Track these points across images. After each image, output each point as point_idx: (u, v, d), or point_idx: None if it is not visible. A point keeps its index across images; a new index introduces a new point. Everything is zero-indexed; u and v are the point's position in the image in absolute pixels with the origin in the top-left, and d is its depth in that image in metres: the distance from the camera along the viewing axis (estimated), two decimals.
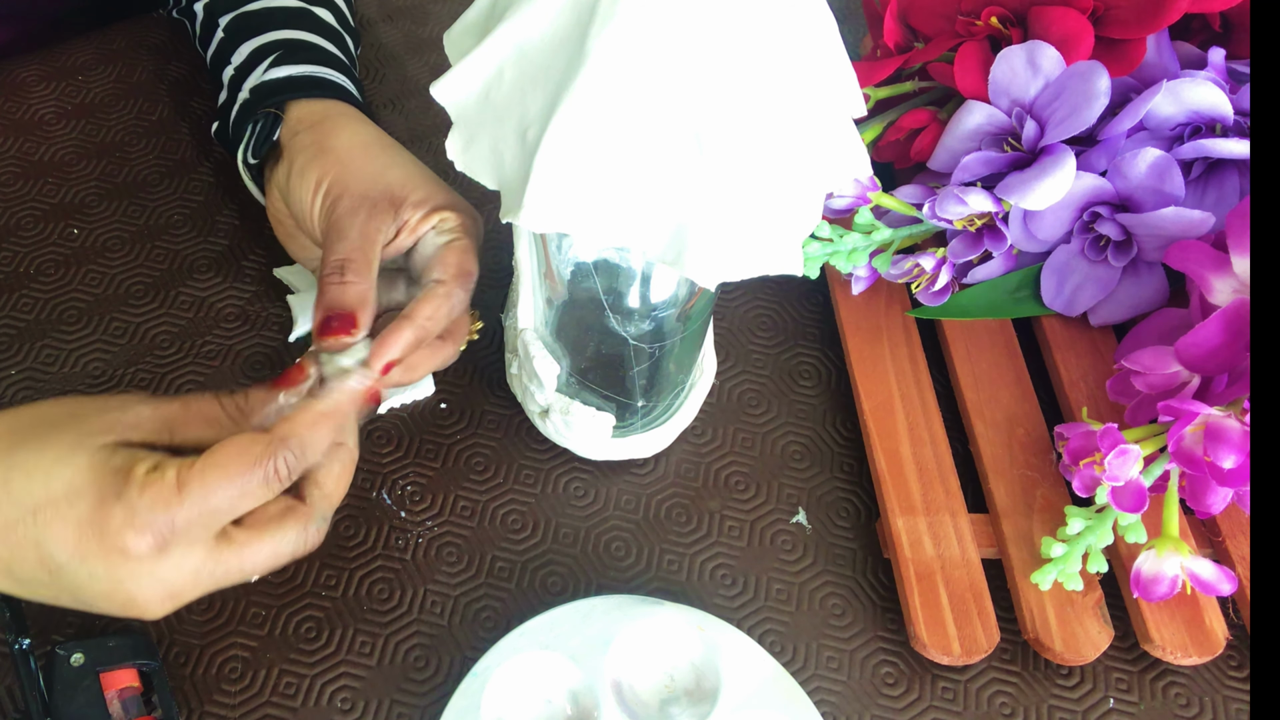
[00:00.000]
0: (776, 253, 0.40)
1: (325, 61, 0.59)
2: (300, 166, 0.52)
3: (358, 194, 0.50)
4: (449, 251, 0.50)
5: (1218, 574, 0.48)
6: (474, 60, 0.41)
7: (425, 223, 0.50)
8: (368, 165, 0.52)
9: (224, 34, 0.61)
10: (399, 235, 0.50)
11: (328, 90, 0.57)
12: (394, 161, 0.53)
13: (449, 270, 0.50)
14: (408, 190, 0.51)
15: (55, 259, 0.62)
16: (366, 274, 0.48)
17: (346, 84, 0.59)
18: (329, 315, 0.47)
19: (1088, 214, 0.57)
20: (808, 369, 0.60)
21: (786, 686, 0.48)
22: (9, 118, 0.68)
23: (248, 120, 0.56)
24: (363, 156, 0.53)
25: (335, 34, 0.62)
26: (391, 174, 0.52)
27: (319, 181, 0.51)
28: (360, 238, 0.49)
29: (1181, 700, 0.50)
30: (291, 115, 0.55)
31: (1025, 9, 0.58)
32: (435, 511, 0.54)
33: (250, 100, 0.57)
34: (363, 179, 0.51)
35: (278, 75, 0.57)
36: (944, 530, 0.52)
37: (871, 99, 0.62)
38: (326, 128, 0.54)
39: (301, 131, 0.54)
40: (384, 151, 0.54)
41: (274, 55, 0.58)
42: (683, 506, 0.55)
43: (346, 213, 0.49)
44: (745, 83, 0.38)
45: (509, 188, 0.41)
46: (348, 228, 0.49)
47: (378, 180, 0.51)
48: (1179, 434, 0.48)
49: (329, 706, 0.48)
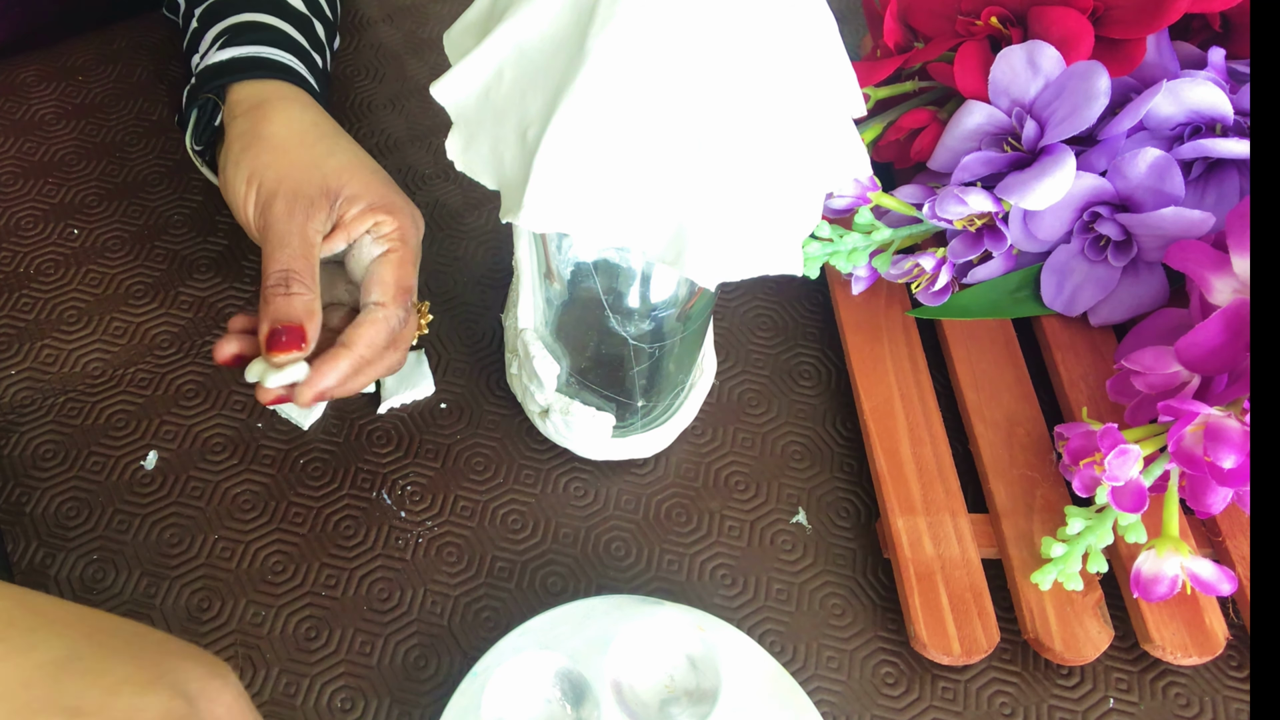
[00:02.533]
0: (776, 253, 0.40)
1: (275, 42, 0.57)
2: (235, 156, 0.51)
3: (291, 191, 0.49)
4: (386, 267, 0.50)
5: (1218, 574, 0.48)
6: (474, 60, 0.41)
7: (360, 224, 0.50)
8: (302, 154, 0.51)
9: (196, 23, 0.61)
10: (334, 233, 0.49)
11: (271, 70, 0.55)
12: (331, 150, 0.51)
13: (388, 291, 0.49)
14: (343, 182, 0.50)
15: (55, 259, 0.62)
16: (312, 283, 0.47)
17: (294, 63, 0.57)
18: (277, 329, 0.46)
19: (1088, 214, 0.57)
20: (808, 369, 0.60)
21: (786, 686, 0.48)
22: (9, 118, 0.68)
23: (193, 105, 0.55)
24: (298, 145, 0.51)
25: (298, 16, 0.60)
26: (328, 164, 0.50)
27: (251, 175, 0.50)
28: (301, 244, 0.48)
29: (1181, 700, 0.50)
30: (231, 98, 0.54)
31: (1025, 9, 0.58)
32: (435, 511, 0.54)
33: (195, 84, 0.56)
34: (296, 170, 0.50)
35: (220, 58, 0.56)
36: (944, 530, 0.52)
37: (871, 99, 0.62)
38: (262, 112, 0.53)
39: (239, 116, 0.53)
40: (321, 139, 0.52)
41: (223, 39, 0.57)
42: (683, 506, 0.55)
43: (283, 215, 0.48)
44: (745, 83, 0.38)
45: (509, 188, 0.41)
46: (287, 233, 0.48)
47: (312, 171, 0.50)
48: (1179, 434, 0.48)
49: (329, 706, 0.48)
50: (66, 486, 0.53)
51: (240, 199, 0.50)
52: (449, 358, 0.59)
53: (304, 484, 0.54)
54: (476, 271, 0.63)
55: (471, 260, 0.63)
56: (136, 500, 0.53)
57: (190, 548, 0.52)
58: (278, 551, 0.52)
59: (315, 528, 0.53)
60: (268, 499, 0.54)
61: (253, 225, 0.50)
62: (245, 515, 0.53)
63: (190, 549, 0.52)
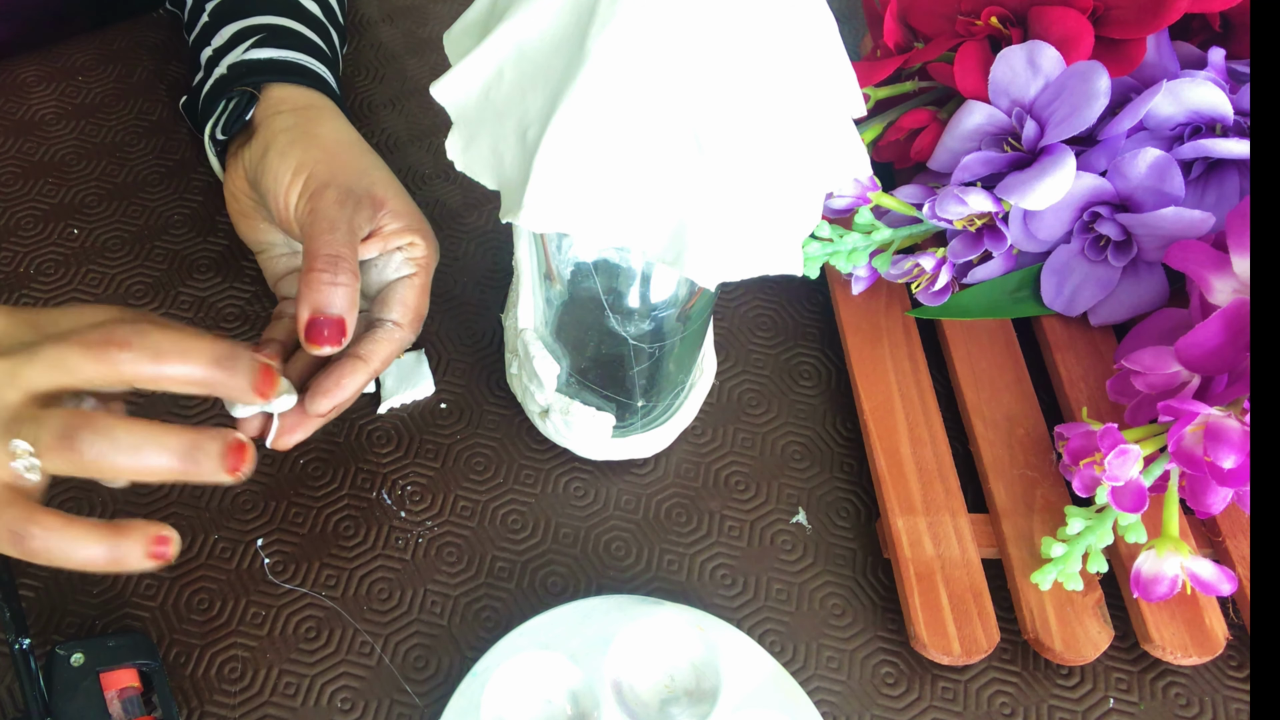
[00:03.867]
0: (776, 253, 0.40)
1: (308, 50, 0.59)
2: (281, 148, 0.51)
3: (344, 186, 0.49)
4: (409, 291, 0.50)
5: (1218, 574, 0.48)
6: (474, 60, 0.41)
7: (397, 238, 0.50)
8: (352, 161, 0.51)
9: (208, 18, 0.61)
10: (370, 239, 0.50)
11: (309, 78, 0.56)
12: (375, 164, 0.52)
13: (408, 314, 0.50)
14: (388, 197, 0.50)
15: (55, 259, 0.62)
16: (356, 275, 0.46)
17: (328, 76, 0.58)
18: (318, 320, 0.45)
19: (1088, 214, 0.57)
20: (808, 369, 0.60)
21: (786, 686, 0.48)
22: (9, 118, 0.68)
23: (221, 96, 0.56)
24: (348, 152, 0.52)
25: (320, 25, 0.62)
26: (374, 175, 0.51)
27: (301, 165, 0.50)
28: (349, 234, 0.47)
29: (1181, 700, 0.50)
30: (272, 95, 0.54)
31: (1025, 9, 0.58)
32: (435, 511, 0.54)
33: (227, 76, 0.57)
34: (346, 173, 0.50)
35: (259, 56, 0.57)
36: (944, 530, 0.52)
37: (871, 99, 0.62)
38: (310, 115, 0.53)
39: (284, 113, 0.53)
40: (366, 153, 0.53)
41: (256, 37, 0.58)
42: (683, 506, 0.55)
43: (334, 203, 0.48)
44: (745, 83, 0.38)
45: (509, 188, 0.41)
46: (338, 220, 0.47)
47: (362, 178, 0.50)
48: (1179, 434, 0.48)
49: (329, 706, 0.48)
50: (66, 486, 0.53)
51: (283, 186, 0.50)
52: (449, 358, 0.59)
53: (304, 484, 0.54)
54: (476, 271, 0.63)
55: (471, 260, 0.63)
56: (136, 500, 0.53)
57: (190, 548, 0.52)
58: (278, 552, 0.52)
59: (315, 528, 0.53)
60: (268, 499, 0.54)
61: (293, 213, 0.50)
62: (245, 515, 0.53)
63: (190, 549, 0.52)
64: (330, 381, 0.46)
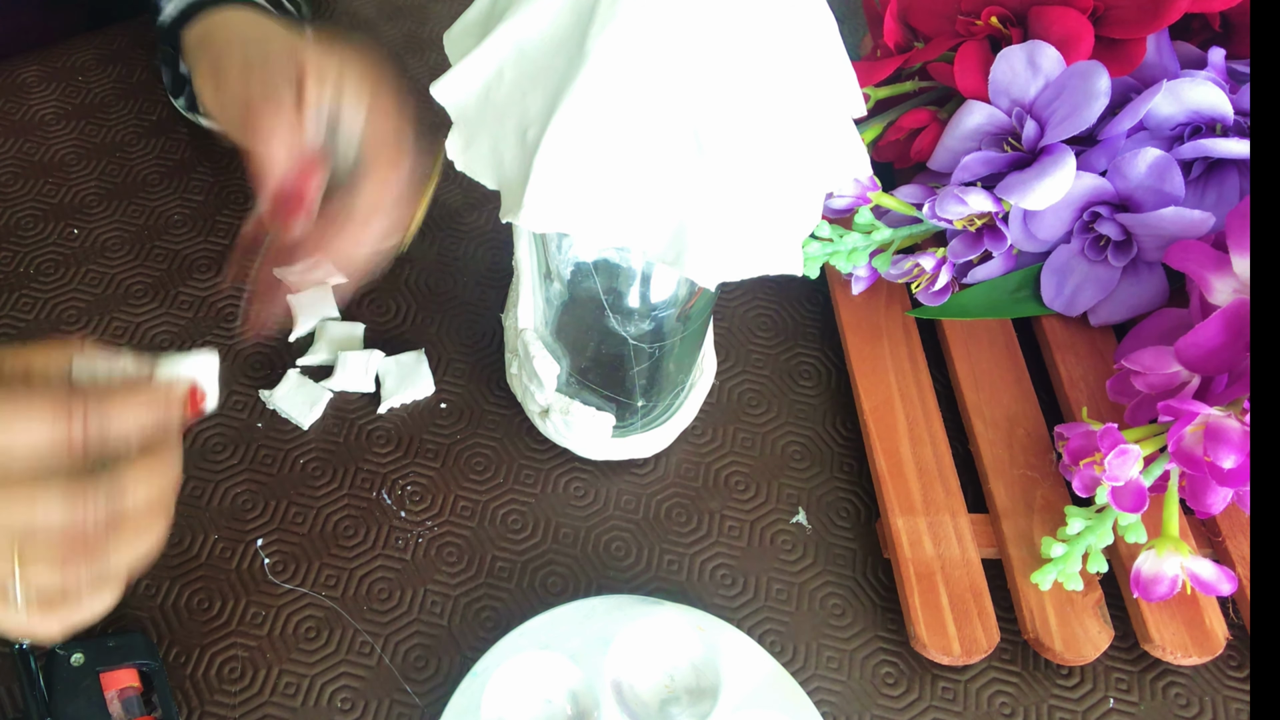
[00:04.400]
0: (776, 253, 0.40)
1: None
2: (202, 81, 0.55)
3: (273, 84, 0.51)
4: (356, 128, 0.50)
5: (1218, 574, 0.48)
6: (474, 60, 0.41)
7: (320, 92, 0.50)
8: (259, 50, 0.53)
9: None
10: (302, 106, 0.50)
11: (215, 5, 0.57)
12: (291, 48, 0.53)
13: (366, 150, 0.50)
14: (307, 59, 0.51)
15: (55, 259, 0.62)
16: (297, 130, 0.50)
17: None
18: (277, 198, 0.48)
19: (1088, 214, 0.57)
20: (808, 369, 0.60)
21: (786, 686, 0.48)
22: (9, 118, 0.68)
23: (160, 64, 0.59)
24: (255, 42, 0.54)
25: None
26: (297, 57, 0.52)
27: (219, 82, 0.53)
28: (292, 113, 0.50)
29: (1181, 700, 0.50)
30: (185, 45, 0.57)
31: (1025, 9, 0.58)
32: (435, 511, 0.54)
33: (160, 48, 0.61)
34: (268, 64, 0.52)
35: (169, 12, 0.59)
36: (944, 530, 0.52)
37: (871, 99, 0.62)
38: (210, 39, 0.55)
39: (194, 49, 0.56)
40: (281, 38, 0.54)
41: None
42: (683, 506, 0.55)
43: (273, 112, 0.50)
44: (745, 83, 0.38)
45: (509, 188, 0.41)
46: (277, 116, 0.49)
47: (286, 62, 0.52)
48: (1179, 434, 0.48)
49: (329, 706, 0.48)
50: None
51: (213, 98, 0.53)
52: (449, 358, 0.59)
53: (304, 484, 0.54)
54: (476, 271, 0.63)
55: (471, 260, 0.63)
56: None
57: (190, 548, 0.52)
58: (278, 552, 0.52)
59: (315, 528, 0.53)
60: (268, 499, 0.54)
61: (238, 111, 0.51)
62: (245, 515, 0.53)
63: (190, 549, 0.52)
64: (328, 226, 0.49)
